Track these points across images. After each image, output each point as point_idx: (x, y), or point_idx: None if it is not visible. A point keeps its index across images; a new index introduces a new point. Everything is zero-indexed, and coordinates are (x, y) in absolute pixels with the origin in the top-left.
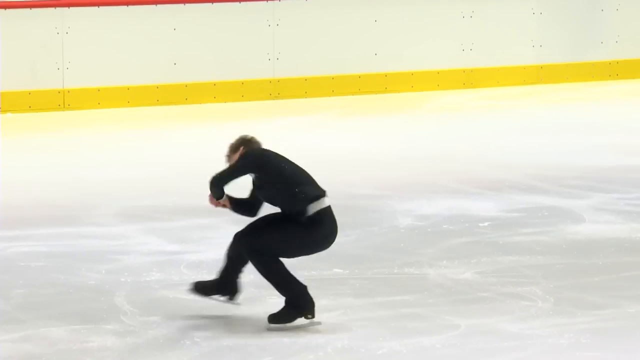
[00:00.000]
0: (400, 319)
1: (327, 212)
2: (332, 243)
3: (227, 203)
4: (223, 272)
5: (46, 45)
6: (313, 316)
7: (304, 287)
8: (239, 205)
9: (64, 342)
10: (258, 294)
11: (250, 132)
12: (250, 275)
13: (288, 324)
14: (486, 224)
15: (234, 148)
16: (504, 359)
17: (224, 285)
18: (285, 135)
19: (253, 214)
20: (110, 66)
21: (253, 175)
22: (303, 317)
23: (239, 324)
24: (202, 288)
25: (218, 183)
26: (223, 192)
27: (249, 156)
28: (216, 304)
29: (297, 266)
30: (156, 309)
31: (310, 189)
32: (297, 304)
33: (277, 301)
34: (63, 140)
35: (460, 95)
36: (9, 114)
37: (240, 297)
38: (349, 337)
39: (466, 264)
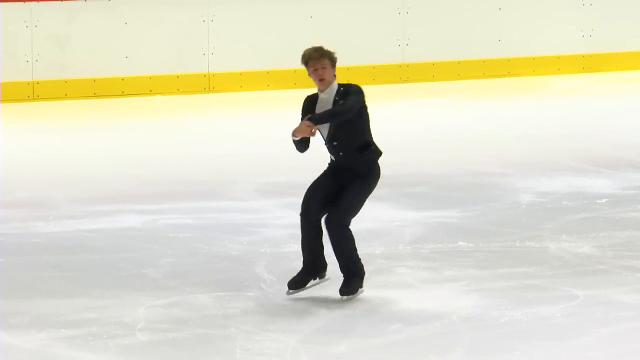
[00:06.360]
0: (521, 290)
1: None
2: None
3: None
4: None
5: (191, 31)
6: None
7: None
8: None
9: (209, 308)
10: (387, 265)
11: (382, 114)
12: (380, 247)
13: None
14: (604, 200)
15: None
16: (619, 329)
17: (314, 268)
18: (414, 116)
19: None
20: (252, 52)
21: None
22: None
23: (370, 293)
24: (296, 282)
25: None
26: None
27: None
28: None
29: (422, 239)
30: None
31: None
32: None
33: (405, 271)
34: (207, 121)
35: (580, 79)
36: (158, 96)
37: (371, 268)
38: (473, 305)
39: (584, 238)
